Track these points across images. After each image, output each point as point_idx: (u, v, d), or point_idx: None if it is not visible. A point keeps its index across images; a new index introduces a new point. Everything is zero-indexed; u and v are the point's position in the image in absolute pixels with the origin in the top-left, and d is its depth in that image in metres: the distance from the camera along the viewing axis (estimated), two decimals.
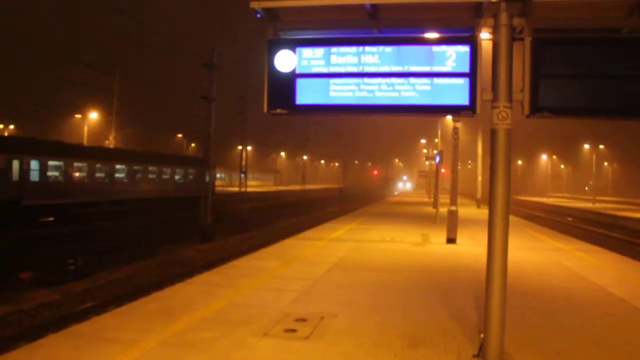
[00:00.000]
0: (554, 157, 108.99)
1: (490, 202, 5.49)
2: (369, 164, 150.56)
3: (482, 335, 5.60)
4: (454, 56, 5.53)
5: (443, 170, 26.90)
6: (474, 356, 5.81)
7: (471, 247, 15.49)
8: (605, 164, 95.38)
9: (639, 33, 5.53)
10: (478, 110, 5.52)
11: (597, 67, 5.39)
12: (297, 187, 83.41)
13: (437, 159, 24.39)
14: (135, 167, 36.43)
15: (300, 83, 5.76)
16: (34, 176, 27.08)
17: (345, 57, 5.69)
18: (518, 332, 6.72)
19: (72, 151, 31.32)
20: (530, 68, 5.40)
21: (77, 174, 30.97)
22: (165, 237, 23.97)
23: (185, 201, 38.66)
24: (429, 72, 5.56)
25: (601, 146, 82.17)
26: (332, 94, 5.71)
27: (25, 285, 13.64)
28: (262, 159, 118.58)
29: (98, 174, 32.58)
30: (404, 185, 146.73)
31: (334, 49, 5.71)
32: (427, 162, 48.07)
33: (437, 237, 17.55)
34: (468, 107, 5.52)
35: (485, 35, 5.61)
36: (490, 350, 5.43)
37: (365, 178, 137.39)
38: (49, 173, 28.55)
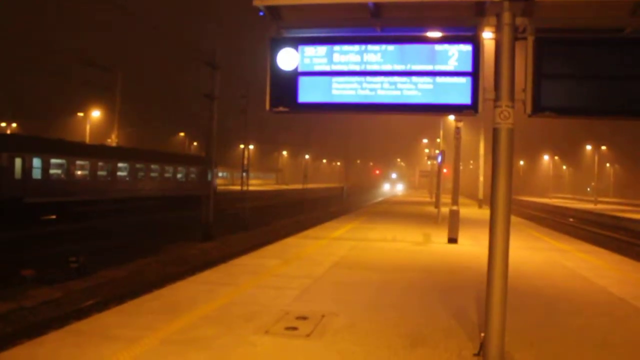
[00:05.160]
0: (556, 157, 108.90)
1: (491, 202, 5.49)
2: (371, 163, 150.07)
3: (482, 334, 5.59)
4: (457, 55, 5.52)
5: (445, 170, 26.87)
6: (475, 355, 5.82)
7: (472, 247, 15.49)
8: (608, 165, 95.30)
9: None
10: (480, 109, 5.51)
11: (600, 67, 5.38)
12: (299, 186, 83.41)
13: (439, 158, 24.37)
14: (137, 166, 36.46)
15: (303, 81, 5.75)
16: (36, 174, 27.11)
17: (347, 56, 5.69)
18: (519, 331, 6.72)
19: (74, 149, 31.37)
20: (532, 67, 5.40)
21: (79, 172, 31.00)
22: (167, 236, 23.97)
23: (187, 200, 38.69)
24: (431, 71, 5.55)
25: (603, 147, 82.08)
26: (334, 92, 5.71)
27: (27, 282, 13.68)
28: (264, 158, 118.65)
29: (100, 172, 32.62)
30: (392, 187, 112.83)
31: (336, 48, 5.70)
32: (428, 162, 48.04)
33: (439, 237, 17.55)
34: (470, 106, 5.52)
35: (487, 35, 5.60)
36: (490, 349, 5.43)
37: (368, 177, 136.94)
38: (51, 171, 28.59)
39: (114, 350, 5.69)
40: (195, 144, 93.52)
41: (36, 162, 27.06)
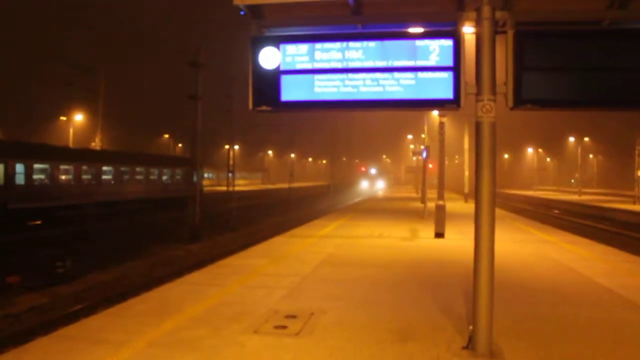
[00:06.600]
0: (540, 150, 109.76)
1: (476, 195, 5.53)
2: (357, 160, 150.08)
3: (471, 327, 5.64)
4: (438, 50, 5.55)
5: (430, 166, 26.97)
6: (464, 348, 5.85)
7: (459, 241, 15.57)
8: (591, 156, 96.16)
9: (619, 25, 5.61)
10: (462, 103, 5.55)
11: (579, 59, 5.45)
12: (285, 185, 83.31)
13: (424, 154, 24.45)
14: (122, 169, 36.19)
15: (285, 80, 5.76)
16: (20, 180, 26.78)
17: (329, 53, 5.70)
18: (506, 323, 6.78)
19: (58, 154, 31.03)
20: (513, 61, 5.45)
21: (63, 177, 30.68)
22: (154, 238, 23.85)
23: (173, 202, 38.51)
24: (413, 67, 5.58)
25: (586, 139, 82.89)
26: (317, 89, 5.72)
27: (13, 289, 13.53)
28: (250, 158, 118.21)
29: (85, 176, 32.32)
30: (372, 185, 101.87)
31: (318, 45, 5.71)
32: (414, 158, 48.21)
33: (426, 232, 17.63)
34: (452, 100, 5.56)
35: (468, 29, 5.65)
36: (479, 342, 5.48)
37: (354, 174, 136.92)
38: (35, 176, 28.26)
39: (102, 354, 5.65)
40: (180, 145, 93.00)
41: (19, 167, 26.74)
